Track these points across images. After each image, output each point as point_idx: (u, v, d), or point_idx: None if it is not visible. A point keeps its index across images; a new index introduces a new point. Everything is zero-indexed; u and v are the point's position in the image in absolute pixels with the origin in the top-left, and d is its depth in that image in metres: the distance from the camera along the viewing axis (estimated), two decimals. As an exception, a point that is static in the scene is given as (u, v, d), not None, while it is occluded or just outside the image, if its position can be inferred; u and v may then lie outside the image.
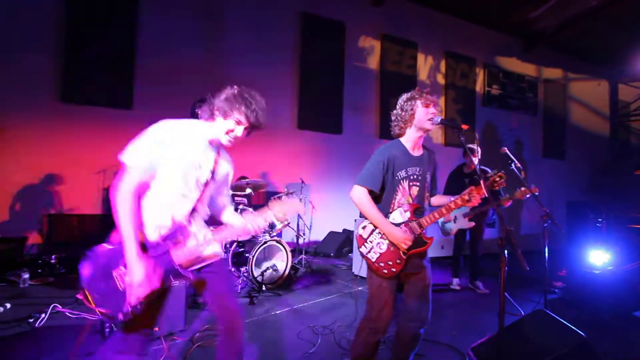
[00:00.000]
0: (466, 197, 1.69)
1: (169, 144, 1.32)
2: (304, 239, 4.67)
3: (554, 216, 6.66)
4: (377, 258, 1.70)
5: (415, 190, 1.76)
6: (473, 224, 3.50)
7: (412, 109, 1.76)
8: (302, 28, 5.52)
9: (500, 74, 7.59)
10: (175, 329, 2.34)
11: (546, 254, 2.56)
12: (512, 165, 2.37)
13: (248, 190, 3.45)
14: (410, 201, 1.75)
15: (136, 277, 1.20)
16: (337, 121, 5.81)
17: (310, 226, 4.87)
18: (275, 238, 3.47)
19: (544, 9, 6.23)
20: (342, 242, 5.08)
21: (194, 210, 1.42)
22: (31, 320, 2.42)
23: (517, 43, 7.68)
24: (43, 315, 2.46)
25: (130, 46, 4.41)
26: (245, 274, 3.30)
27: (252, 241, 3.45)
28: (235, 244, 3.42)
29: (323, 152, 5.69)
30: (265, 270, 3.29)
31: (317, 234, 5.25)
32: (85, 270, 1.24)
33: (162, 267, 1.29)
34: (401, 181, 1.73)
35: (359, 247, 1.78)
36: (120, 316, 1.22)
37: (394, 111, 1.83)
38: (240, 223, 1.46)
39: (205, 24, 4.86)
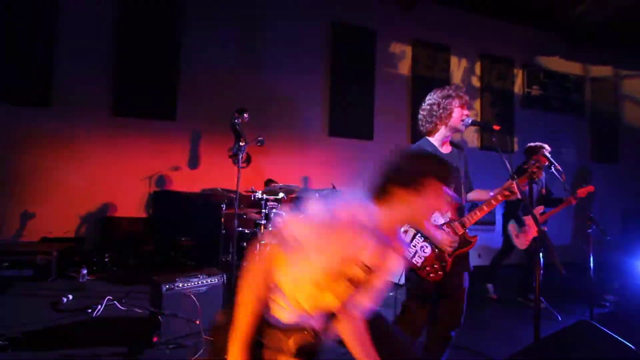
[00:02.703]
0: (507, 192, 1.64)
1: None
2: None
3: (607, 226, 6.18)
4: (423, 262, 1.68)
5: (450, 189, 1.75)
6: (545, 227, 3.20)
7: (449, 108, 1.72)
8: (333, 37, 5.65)
9: (541, 74, 7.21)
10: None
11: (591, 263, 2.40)
12: (552, 167, 2.27)
13: (281, 195, 3.58)
14: (449, 200, 1.74)
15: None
16: (368, 127, 5.84)
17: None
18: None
19: (590, 1, 5.88)
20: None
21: None
22: (89, 310, 2.69)
23: (560, 40, 7.27)
24: (99, 306, 2.73)
25: (175, 60, 4.75)
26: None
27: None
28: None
29: (354, 158, 5.73)
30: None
31: (348, 240, 5.27)
32: None
33: None
34: None
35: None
36: None
37: (426, 107, 1.78)
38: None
39: (242, 36, 5.15)
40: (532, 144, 3.31)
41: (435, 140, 1.78)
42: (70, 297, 2.92)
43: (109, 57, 4.50)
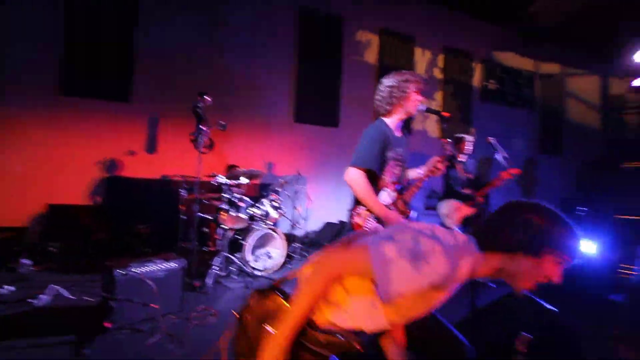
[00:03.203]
0: (432, 169, 1.79)
1: None
2: (299, 228, 4.76)
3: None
4: None
5: (398, 170, 1.85)
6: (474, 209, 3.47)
7: (406, 92, 1.79)
8: (300, 22, 5.56)
9: (498, 69, 7.61)
10: (171, 310, 2.45)
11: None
12: (497, 154, 2.45)
13: (243, 180, 3.53)
14: (395, 181, 1.84)
15: None
16: (334, 115, 5.88)
17: (307, 218, 4.97)
18: (271, 226, 3.57)
19: (542, 2, 6.26)
20: (338, 232, 5.18)
21: None
22: (33, 300, 2.52)
23: (515, 37, 7.70)
24: (44, 296, 2.56)
25: (128, 40, 4.44)
26: (240, 260, 3.40)
27: (247, 229, 3.55)
28: (231, 231, 3.52)
29: (319, 144, 5.77)
30: (259, 257, 3.39)
31: (314, 225, 5.35)
32: None
33: None
34: (389, 161, 1.81)
35: None
36: None
37: (384, 88, 1.83)
38: None
39: (204, 17, 4.91)
40: (458, 135, 3.57)
41: (390, 122, 1.85)
42: (12, 288, 2.72)
43: (56, 34, 4.10)
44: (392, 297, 0.87)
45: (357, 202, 1.82)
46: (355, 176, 1.73)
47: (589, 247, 3.91)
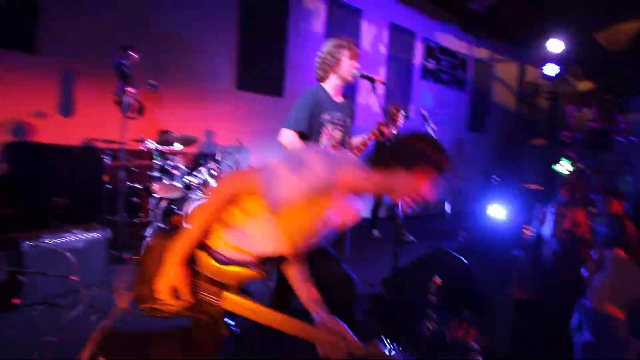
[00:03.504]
0: (376, 132, 1.90)
1: None
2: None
3: (470, 184, 7.45)
4: None
5: (338, 134, 1.91)
6: None
7: (338, 57, 1.84)
8: (241, -20, 5.17)
9: (437, 50, 8.01)
10: (95, 282, 2.28)
11: (446, 206, 2.95)
12: (428, 125, 2.63)
13: (177, 146, 3.32)
14: (335, 144, 1.90)
15: None
16: (278, 83, 5.72)
17: (249, 189, 4.88)
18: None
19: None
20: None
21: None
22: None
23: (454, 21, 8.11)
24: None
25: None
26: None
27: (183, 199, 3.39)
28: (165, 201, 3.33)
29: (263, 114, 5.60)
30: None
31: (256, 197, 5.30)
32: None
33: None
34: (325, 124, 1.85)
35: None
36: None
37: (320, 54, 1.89)
38: None
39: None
40: (390, 107, 3.89)
41: (327, 87, 1.89)
42: None
43: None
44: (280, 203, 0.94)
45: None
46: (288, 137, 1.81)
47: (500, 211, 4.50)
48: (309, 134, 1.84)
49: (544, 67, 6.38)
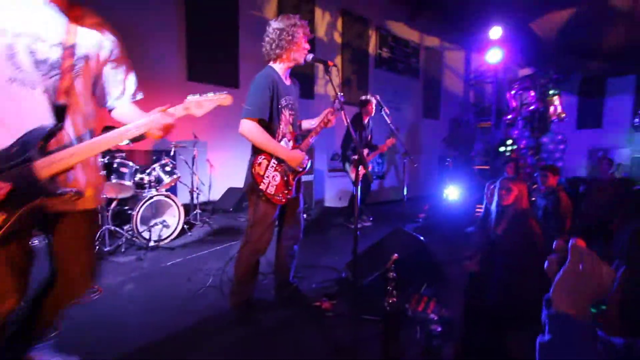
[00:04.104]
0: (326, 120, 1.90)
1: None
2: (198, 193, 4.51)
3: (427, 168, 7.83)
4: (275, 190, 1.80)
5: (292, 119, 1.89)
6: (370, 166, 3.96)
7: (295, 37, 1.75)
8: (185, -38, 4.87)
9: (389, 38, 8.17)
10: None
11: (405, 190, 3.08)
12: (382, 111, 2.70)
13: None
14: (291, 130, 1.87)
15: None
16: (233, 74, 5.51)
17: (210, 186, 4.71)
18: (164, 193, 3.27)
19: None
20: (242, 196, 5.09)
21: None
22: None
23: (404, 9, 8.31)
24: None
25: None
26: (130, 232, 3.07)
27: (136, 198, 3.19)
28: (115, 202, 3.11)
29: (219, 107, 5.40)
30: (153, 226, 3.11)
31: (217, 194, 5.13)
32: None
33: None
34: (282, 109, 1.81)
35: (258, 185, 1.78)
36: None
37: (272, 31, 1.78)
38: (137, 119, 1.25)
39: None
40: (363, 97, 4.05)
41: (279, 69, 1.84)
42: None
43: None
44: None
45: (255, 153, 1.81)
46: (249, 126, 1.72)
47: (455, 192, 4.77)
48: (272, 121, 1.79)
49: (486, 54, 6.80)
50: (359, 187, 4.48)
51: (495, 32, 6.10)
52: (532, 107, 6.69)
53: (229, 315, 1.95)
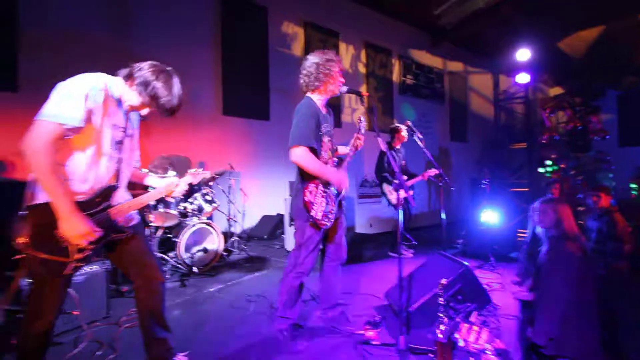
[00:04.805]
0: (356, 143, 2.00)
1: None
2: (235, 221, 4.64)
3: (459, 191, 7.65)
4: (322, 215, 1.86)
5: (330, 144, 1.97)
6: (412, 192, 3.93)
7: (331, 71, 1.87)
8: (221, 9, 5.35)
9: (413, 65, 8.36)
10: (98, 317, 2.20)
11: (442, 214, 3.02)
12: (414, 136, 2.74)
13: (171, 173, 3.30)
14: (330, 155, 1.95)
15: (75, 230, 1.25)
16: (264, 107, 5.82)
17: (244, 214, 4.85)
18: (205, 221, 3.41)
19: (445, 6, 7.04)
20: (276, 224, 5.18)
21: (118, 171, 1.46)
22: None
23: (426, 37, 8.54)
24: None
25: (10, 13, 3.69)
26: (174, 259, 3.20)
27: (179, 225, 3.34)
28: (161, 230, 3.28)
29: (251, 138, 5.67)
30: (195, 253, 3.23)
31: (251, 221, 5.26)
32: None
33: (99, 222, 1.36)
34: (323, 137, 1.91)
35: (308, 212, 1.83)
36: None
37: (310, 64, 1.90)
38: (157, 183, 1.64)
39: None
40: (393, 125, 4.18)
41: (317, 99, 1.95)
42: None
43: None
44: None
45: (305, 180, 1.87)
46: (300, 153, 1.78)
47: (493, 216, 4.59)
48: (317, 148, 1.87)
49: (515, 76, 6.74)
50: (400, 212, 4.45)
51: (523, 54, 6.08)
52: (570, 126, 6.46)
53: (274, 342, 1.95)
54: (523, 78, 6.53)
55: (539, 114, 7.13)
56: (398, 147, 4.09)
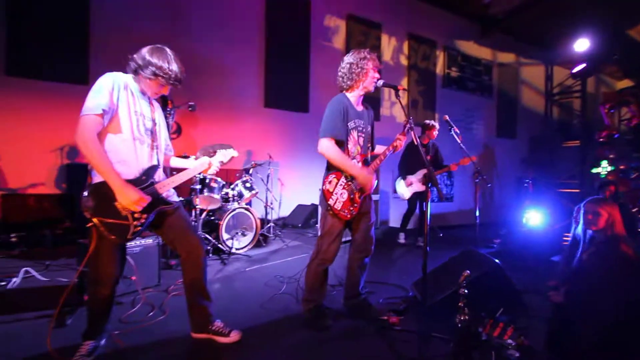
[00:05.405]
0: (395, 144, 2.01)
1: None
2: (271, 208, 4.88)
3: (504, 190, 7.33)
4: (342, 206, 1.96)
5: (361, 140, 2.05)
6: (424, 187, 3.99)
7: (365, 68, 1.96)
8: (267, 3, 5.55)
9: (459, 57, 8.01)
10: (150, 284, 2.52)
11: (477, 211, 2.97)
12: (452, 130, 2.71)
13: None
14: (360, 150, 2.03)
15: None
16: (303, 100, 5.98)
17: (280, 202, 5.09)
18: (244, 206, 3.67)
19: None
20: (310, 213, 5.35)
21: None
22: (2, 283, 2.49)
23: (474, 27, 8.12)
24: (15, 279, 2.53)
25: (83, 16, 4.19)
26: (216, 239, 3.49)
27: (221, 209, 3.63)
28: (205, 212, 3.58)
29: (290, 130, 5.86)
30: (235, 235, 3.49)
31: (287, 210, 5.49)
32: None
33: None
34: (351, 131, 1.99)
35: (327, 200, 1.96)
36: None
37: (345, 65, 2.00)
38: (190, 164, 1.84)
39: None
40: (427, 121, 4.24)
41: (351, 96, 2.03)
42: (-23, 273, 2.64)
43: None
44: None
45: (328, 170, 2.00)
46: (327, 144, 1.91)
47: (537, 217, 4.37)
48: (344, 141, 1.97)
49: (573, 68, 6.21)
50: (415, 205, 4.48)
51: (582, 44, 5.59)
52: (634, 122, 5.84)
53: (300, 319, 2.11)
54: (580, 69, 6.00)
55: (598, 110, 6.51)
56: (426, 143, 4.09)
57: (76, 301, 2.08)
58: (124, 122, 1.57)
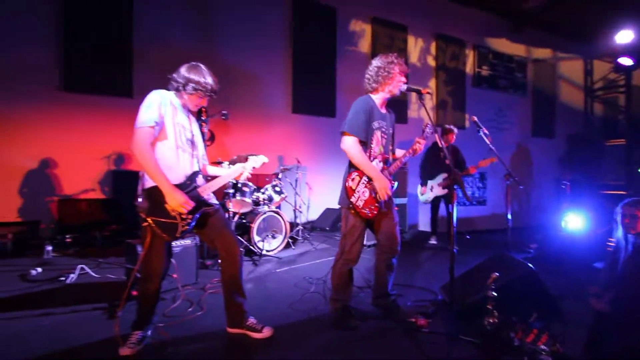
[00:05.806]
0: (415, 147, 2.06)
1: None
2: (300, 212, 4.99)
3: (541, 192, 7.03)
4: (363, 204, 2.02)
5: (384, 141, 2.10)
6: (446, 190, 4.05)
7: (390, 73, 2.02)
8: (294, 13, 5.72)
9: (490, 55, 7.77)
10: (189, 282, 2.70)
11: (509, 213, 2.89)
12: (480, 131, 2.66)
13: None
14: (382, 151, 2.08)
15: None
16: (330, 105, 6.07)
17: (308, 206, 5.20)
18: (274, 209, 3.80)
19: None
20: (338, 217, 5.42)
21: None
22: (62, 278, 2.77)
23: (506, 23, 7.85)
24: (72, 275, 2.82)
25: (127, 34, 4.57)
26: (247, 241, 3.65)
27: (252, 212, 3.79)
28: (237, 215, 3.76)
29: (317, 134, 5.97)
30: (265, 237, 3.64)
31: (315, 214, 5.59)
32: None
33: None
34: (375, 131, 2.05)
35: (349, 198, 2.01)
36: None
37: (372, 68, 2.07)
38: (224, 172, 2.00)
39: (199, 9, 5.07)
40: (446, 125, 4.33)
41: (376, 98, 2.09)
42: (39, 269, 2.96)
43: (55, 28, 4.24)
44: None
45: (350, 168, 2.06)
46: (350, 142, 1.98)
47: (577, 221, 4.15)
48: (366, 141, 2.04)
49: (617, 60, 5.83)
50: (438, 208, 4.55)
51: (625, 36, 5.25)
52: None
53: (328, 319, 2.18)
54: (625, 62, 5.63)
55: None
56: (445, 146, 4.10)
57: (126, 296, 2.28)
58: (169, 133, 1.76)
